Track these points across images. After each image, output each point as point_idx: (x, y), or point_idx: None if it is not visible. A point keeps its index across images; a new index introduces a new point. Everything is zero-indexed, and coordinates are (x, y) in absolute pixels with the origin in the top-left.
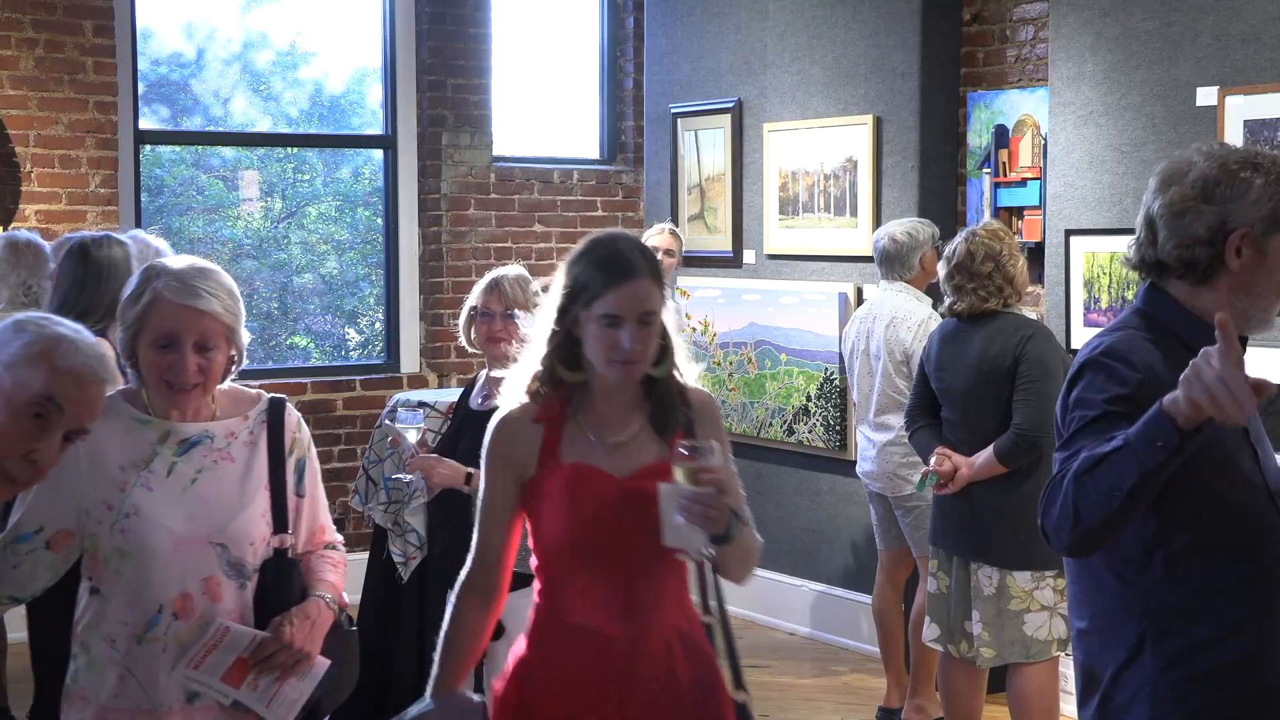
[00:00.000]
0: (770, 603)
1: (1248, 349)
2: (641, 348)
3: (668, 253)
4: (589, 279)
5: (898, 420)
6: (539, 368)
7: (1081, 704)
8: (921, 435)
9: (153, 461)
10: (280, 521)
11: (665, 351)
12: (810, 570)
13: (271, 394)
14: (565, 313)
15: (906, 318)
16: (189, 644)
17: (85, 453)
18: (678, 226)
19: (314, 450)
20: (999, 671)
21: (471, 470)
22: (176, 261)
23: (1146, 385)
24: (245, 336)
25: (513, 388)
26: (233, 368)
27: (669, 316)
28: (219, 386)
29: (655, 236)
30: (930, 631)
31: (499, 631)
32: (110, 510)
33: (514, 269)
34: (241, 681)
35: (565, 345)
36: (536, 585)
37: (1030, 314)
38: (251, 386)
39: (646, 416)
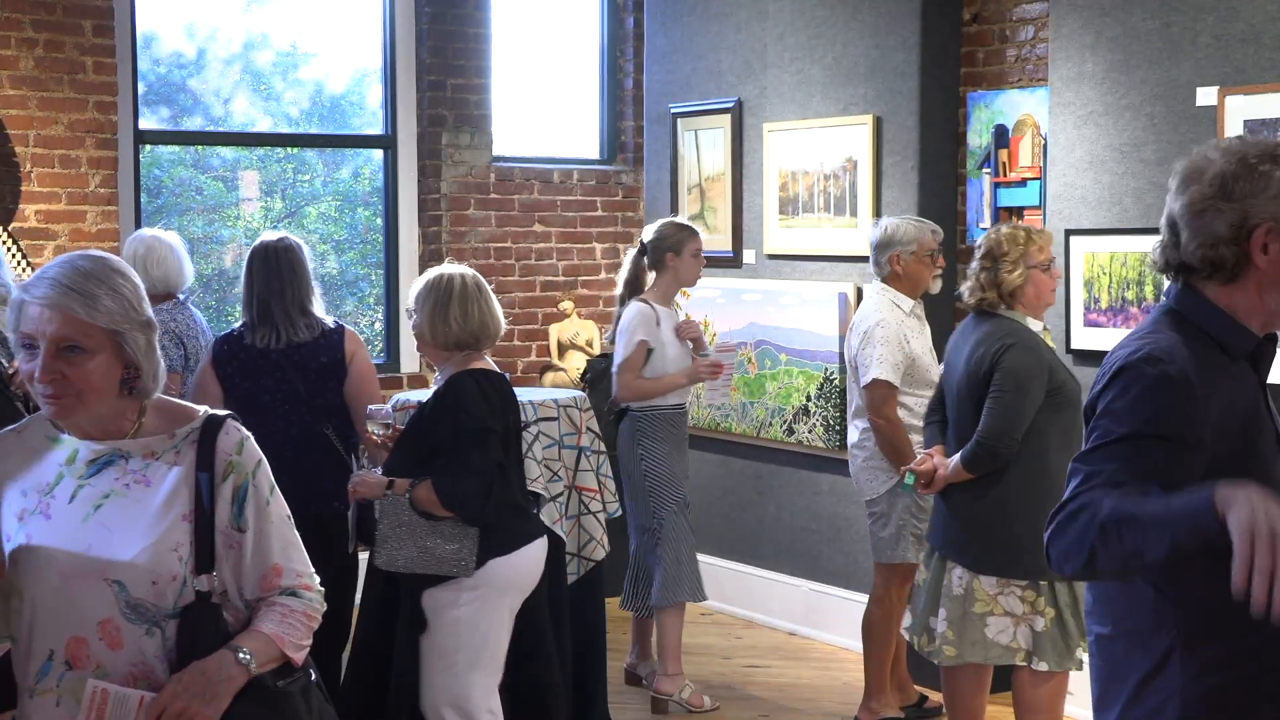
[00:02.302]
0: (770, 603)
1: None
2: None
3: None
4: None
5: (862, 422)
6: None
7: (1100, 709)
8: (929, 431)
9: (57, 485)
10: (205, 559)
11: None
12: (810, 570)
13: (214, 411)
14: None
15: (860, 321)
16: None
17: None
18: None
19: (265, 477)
20: (1004, 674)
21: (393, 480)
22: (61, 259)
23: (1182, 402)
24: (139, 342)
25: None
26: (138, 380)
27: None
28: (152, 400)
29: (695, 239)
30: (906, 619)
31: (422, 625)
32: (8, 541)
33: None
34: None
35: None
36: None
37: (1035, 325)
38: None
39: None
